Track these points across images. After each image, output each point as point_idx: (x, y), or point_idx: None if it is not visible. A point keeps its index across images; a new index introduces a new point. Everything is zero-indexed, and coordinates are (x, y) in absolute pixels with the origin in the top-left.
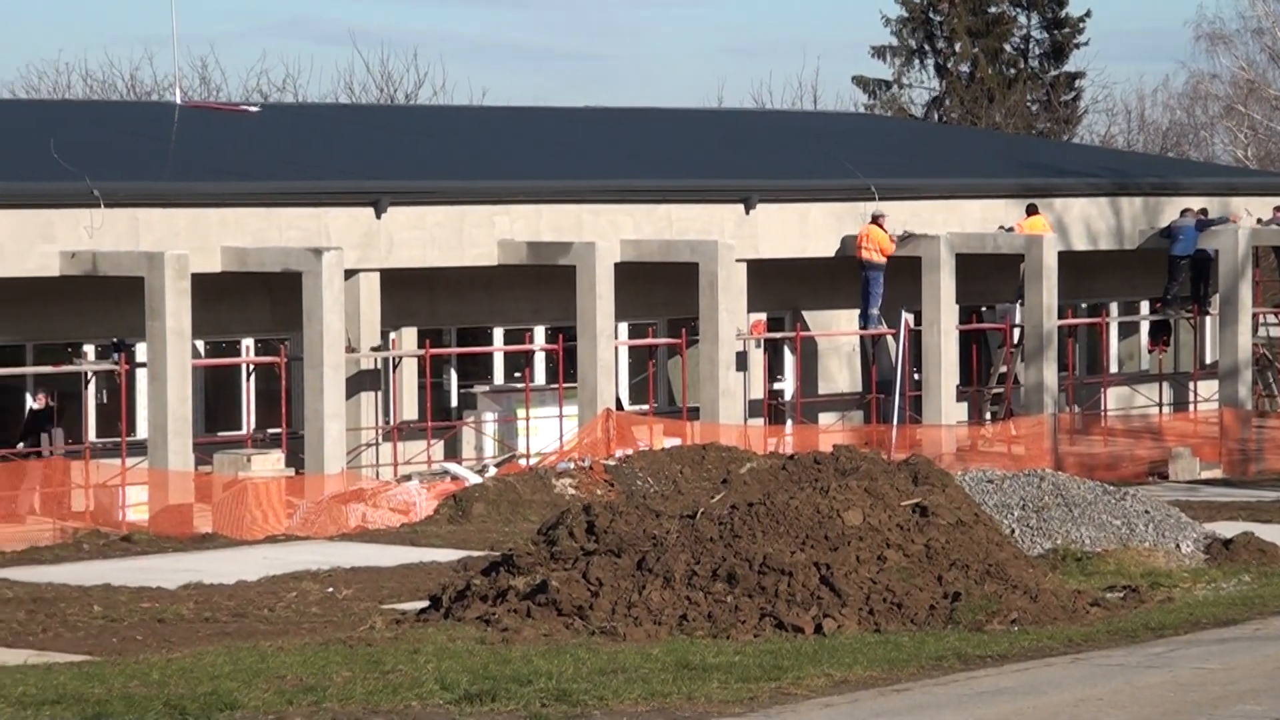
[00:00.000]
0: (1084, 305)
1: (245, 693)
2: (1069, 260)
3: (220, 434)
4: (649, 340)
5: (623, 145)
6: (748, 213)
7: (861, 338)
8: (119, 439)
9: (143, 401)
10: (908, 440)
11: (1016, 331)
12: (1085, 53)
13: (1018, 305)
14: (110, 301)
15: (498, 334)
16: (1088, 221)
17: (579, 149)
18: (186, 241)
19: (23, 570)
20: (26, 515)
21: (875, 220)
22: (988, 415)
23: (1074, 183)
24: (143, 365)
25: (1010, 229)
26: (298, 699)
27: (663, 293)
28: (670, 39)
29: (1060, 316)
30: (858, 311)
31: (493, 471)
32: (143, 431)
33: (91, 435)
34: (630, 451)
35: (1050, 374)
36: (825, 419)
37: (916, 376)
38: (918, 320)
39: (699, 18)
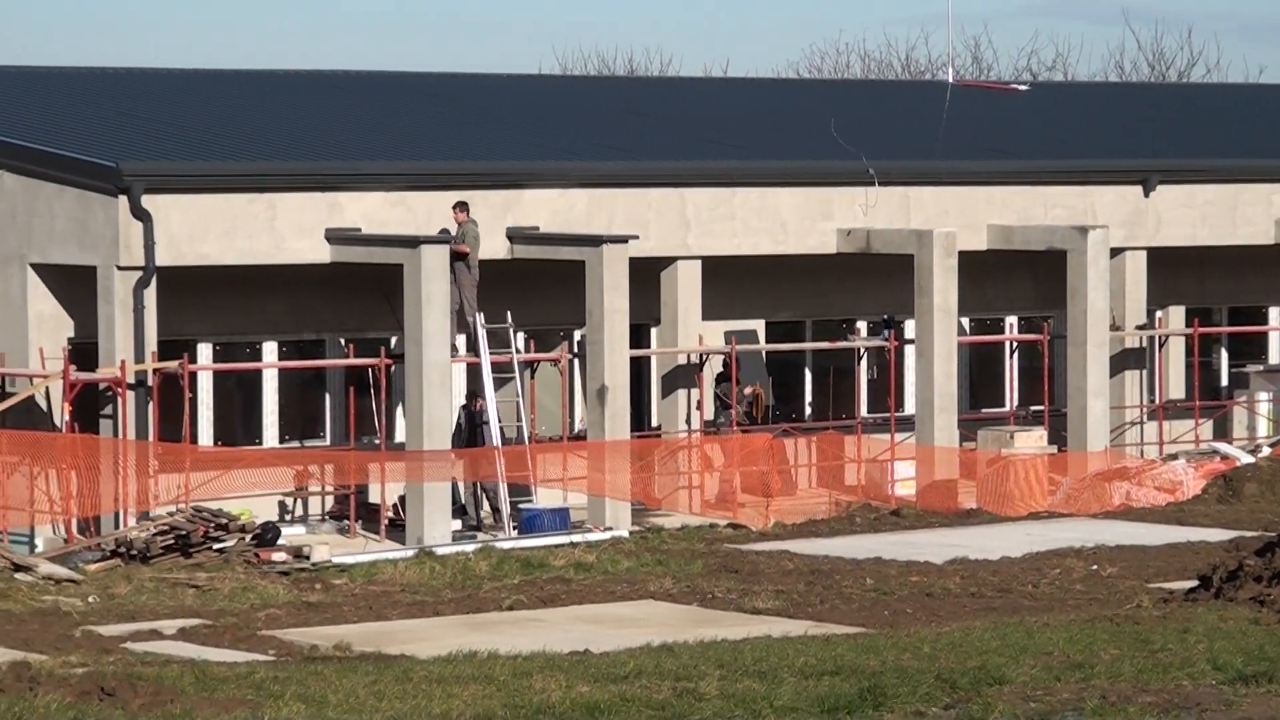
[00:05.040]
0: None
1: (1013, 668)
2: None
3: (983, 410)
4: None
5: None
6: None
7: None
8: (888, 414)
9: (910, 378)
10: None
11: None
12: None
13: None
14: (881, 278)
15: (1273, 313)
16: None
17: None
18: (954, 219)
19: (801, 542)
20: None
21: None
22: None
23: None
24: (910, 342)
25: None
26: (1065, 675)
27: None
28: None
29: None
30: None
31: (1266, 451)
32: (910, 407)
33: (863, 410)
34: None
35: None
36: None
37: None
38: None
39: None
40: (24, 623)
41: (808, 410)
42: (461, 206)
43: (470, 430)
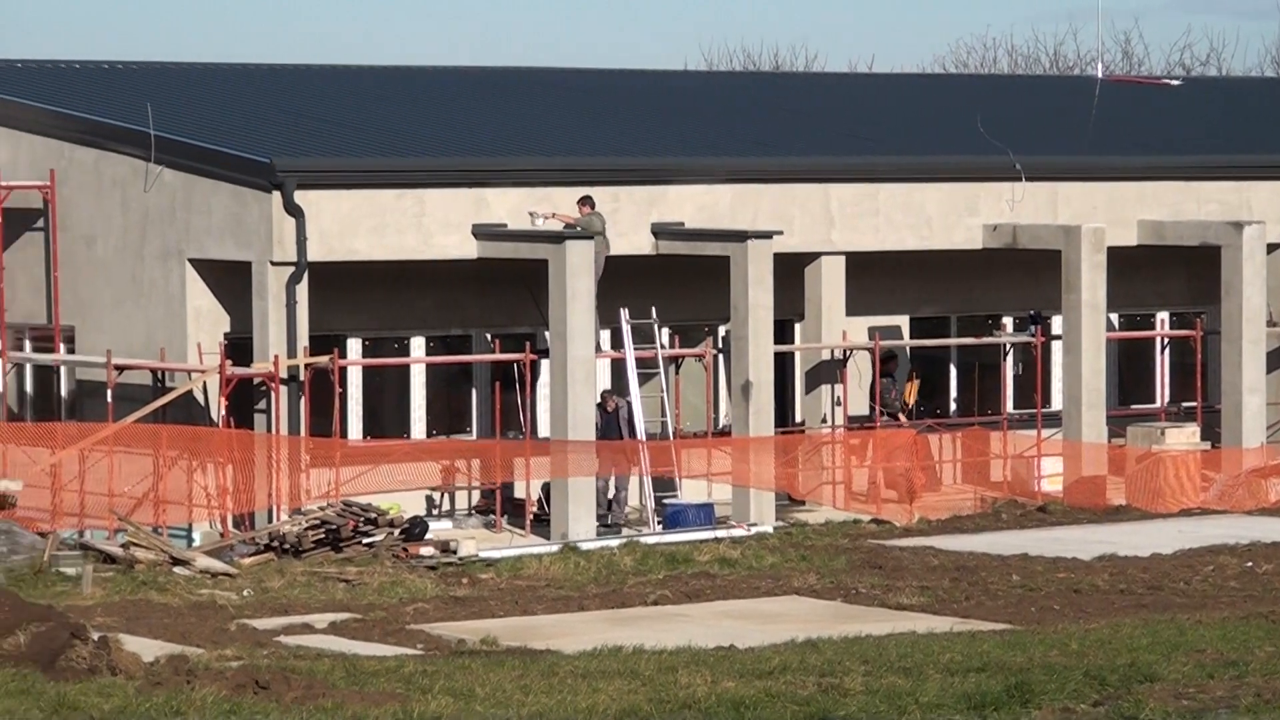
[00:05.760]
0: None
1: (1164, 665)
2: None
3: (1133, 407)
4: None
5: None
6: None
7: None
8: (1034, 410)
9: (1057, 374)
10: None
11: None
12: None
13: None
14: (1027, 274)
15: None
16: None
17: None
18: (1103, 215)
19: (946, 539)
20: (943, 485)
21: None
22: None
23: None
24: (1057, 338)
25: None
26: (1218, 673)
27: None
28: None
29: None
30: None
31: None
32: (1057, 403)
33: (1009, 406)
34: None
35: None
36: None
37: None
38: None
39: None
40: (181, 616)
41: (953, 406)
42: (586, 200)
43: (604, 430)
